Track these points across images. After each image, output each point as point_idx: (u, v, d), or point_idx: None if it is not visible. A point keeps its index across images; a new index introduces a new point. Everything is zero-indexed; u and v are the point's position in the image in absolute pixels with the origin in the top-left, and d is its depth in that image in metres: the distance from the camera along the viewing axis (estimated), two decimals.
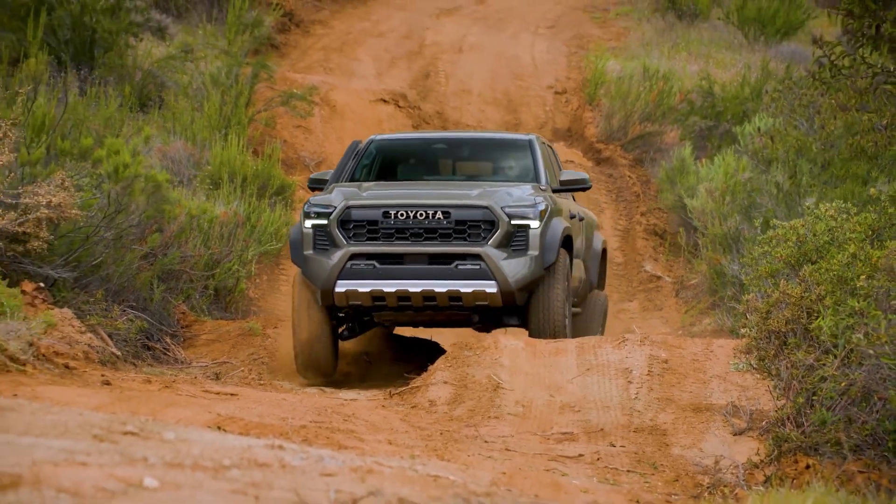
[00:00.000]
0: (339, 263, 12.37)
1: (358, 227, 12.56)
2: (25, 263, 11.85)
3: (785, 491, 6.80)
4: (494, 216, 12.55)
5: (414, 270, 12.53)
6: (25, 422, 5.58)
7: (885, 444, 7.06)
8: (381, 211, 12.57)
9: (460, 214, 12.60)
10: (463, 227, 12.60)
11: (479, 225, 12.60)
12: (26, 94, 13.66)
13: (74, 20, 18.39)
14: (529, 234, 12.61)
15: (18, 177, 11.92)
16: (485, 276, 12.49)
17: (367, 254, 12.51)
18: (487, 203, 12.59)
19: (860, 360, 7.57)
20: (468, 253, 12.54)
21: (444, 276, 12.53)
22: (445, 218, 12.57)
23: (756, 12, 28.37)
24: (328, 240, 12.53)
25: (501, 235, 12.54)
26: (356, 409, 10.71)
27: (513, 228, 12.59)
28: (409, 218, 12.54)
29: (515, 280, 12.55)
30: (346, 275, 12.39)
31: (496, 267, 12.47)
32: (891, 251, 8.28)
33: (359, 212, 12.59)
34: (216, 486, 4.53)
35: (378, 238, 12.55)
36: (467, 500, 5.12)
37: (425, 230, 12.56)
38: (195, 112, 18.57)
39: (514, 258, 12.58)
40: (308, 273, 12.57)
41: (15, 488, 4.10)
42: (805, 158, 16.45)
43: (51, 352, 10.53)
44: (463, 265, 12.53)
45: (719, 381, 11.93)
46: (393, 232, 12.56)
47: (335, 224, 12.50)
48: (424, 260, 12.58)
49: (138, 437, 5.56)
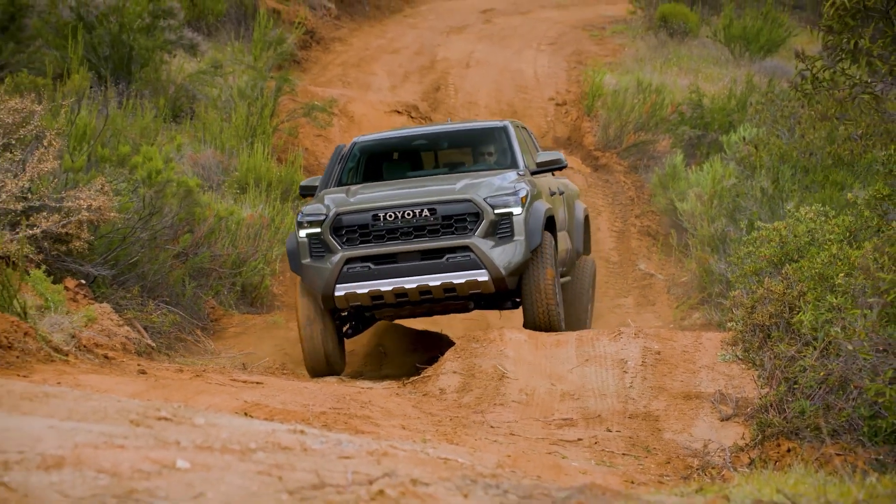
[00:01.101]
0: (336, 268, 12.16)
1: (350, 232, 12.33)
2: (68, 262, 11.86)
3: (768, 472, 6.78)
4: (478, 208, 12.37)
5: (408, 267, 12.31)
6: (68, 408, 5.58)
7: (861, 430, 7.05)
8: (371, 214, 12.35)
9: (446, 210, 12.39)
10: (450, 221, 12.39)
11: (465, 218, 12.41)
12: (69, 106, 13.68)
13: (113, 38, 18.40)
14: (513, 220, 12.43)
15: (62, 182, 11.93)
16: (475, 266, 12.31)
17: (362, 256, 12.29)
18: (470, 196, 12.41)
19: (838, 352, 7.56)
20: (457, 245, 12.33)
21: (437, 269, 12.32)
22: (432, 214, 12.34)
23: (741, 31, 28.36)
24: (323, 247, 12.31)
25: (487, 225, 12.36)
26: (372, 397, 10.70)
27: (497, 217, 12.39)
28: (399, 218, 12.32)
29: (504, 266, 12.36)
30: (343, 278, 12.18)
31: (485, 256, 12.29)
32: (866, 251, 8.26)
33: (349, 217, 12.37)
34: (243, 467, 4.53)
35: (370, 240, 12.33)
36: (475, 481, 5.11)
37: (415, 228, 12.34)
38: (224, 122, 18.57)
39: (501, 245, 12.38)
40: (307, 280, 12.34)
41: (59, 468, 4.10)
42: (787, 165, 16.42)
43: (91, 343, 10.54)
44: (453, 258, 12.33)
45: (708, 371, 11.92)
46: (384, 233, 12.33)
47: (328, 231, 12.28)
48: (417, 256, 12.33)
49: (171, 422, 5.56)
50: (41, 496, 3.70)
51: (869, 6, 8.80)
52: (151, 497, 3.87)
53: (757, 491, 5.56)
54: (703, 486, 6.50)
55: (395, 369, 13.18)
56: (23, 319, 9.70)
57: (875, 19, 8.85)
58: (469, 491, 4.78)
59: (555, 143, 23.85)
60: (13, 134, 11.75)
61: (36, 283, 10.81)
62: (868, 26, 8.83)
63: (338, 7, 28.48)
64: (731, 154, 18.52)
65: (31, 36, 18.16)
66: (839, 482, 5.62)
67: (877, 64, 8.80)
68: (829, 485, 5.56)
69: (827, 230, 10.39)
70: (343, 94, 23.41)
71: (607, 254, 19.41)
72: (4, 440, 4.39)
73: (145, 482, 4.05)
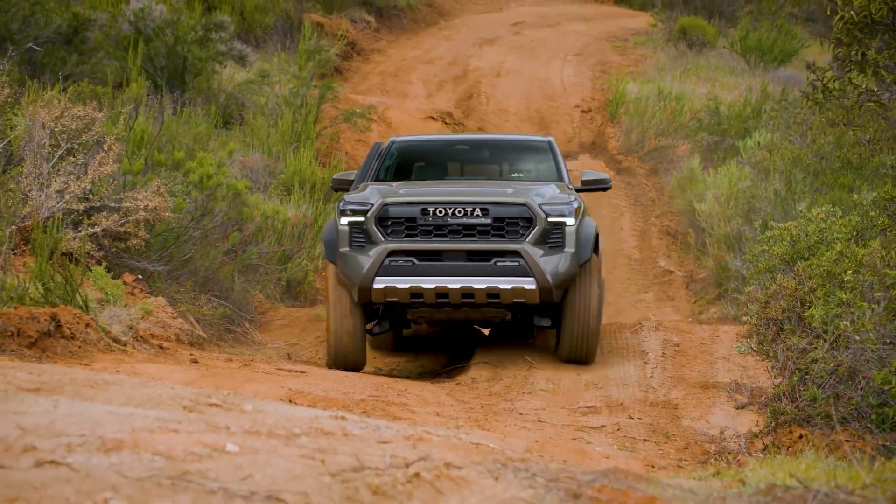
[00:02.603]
0: (378, 260, 11.11)
1: (396, 224, 11.24)
2: (126, 258, 11.92)
3: (781, 458, 6.75)
4: (532, 213, 11.23)
5: (453, 267, 11.20)
6: (126, 394, 5.61)
7: (869, 417, 7.01)
8: (420, 208, 11.24)
9: (499, 211, 11.25)
10: (501, 223, 11.24)
11: (518, 222, 11.26)
12: (128, 113, 13.75)
13: (169, 50, 18.47)
14: (566, 230, 11.27)
15: (121, 184, 11.99)
16: (524, 273, 11.15)
17: (406, 250, 11.21)
18: (525, 200, 11.30)
19: (847, 344, 7.52)
20: (507, 250, 11.18)
21: (483, 272, 11.17)
22: (484, 215, 11.21)
23: (756, 42, 28.25)
24: (365, 237, 11.25)
25: (539, 232, 11.21)
26: (408, 386, 10.71)
27: (549, 226, 11.24)
28: (448, 215, 11.21)
29: (554, 276, 11.18)
30: (384, 271, 11.14)
31: (534, 263, 11.13)
32: (873, 249, 8.21)
33: (397, 209, 11.29)
34: (288, 451, 4.54)
35: (416, 235, 11.23)
36: (504, 465, 5.10)
37: (464, 227, 11.22)
38: (270, 128, 18.63)
39: (550, 255, 11.21)
40: (344, 270, 11.30)
41: (117, 451, 4.12)
42: (799, 169, 16.34)
43: (147, 334, 10.58)
44: (502, 262, 11.16)
45: (724, 362, 11.88)
46: (431, 229, 11.22)
47: (373, 221, 11.21)
48: (463, 257, 11.21)
49: (221, 408, 5.57)
50: (101, 477, 3.72)
51: (875, 20, 8.75)
52: (203, 478, 3.88)
53: (771, 475, 5.53)
54: (720, 471, 6.48)
55: (429, 361, 13.17)
56: (84, 312, 9.75)
57: (881, 32, 8.80)
58: (499, 474, 4.78)
59: (580, 148, 23.83)
60: (76, 139, 11.81)
61: (97, 278, 10.87)
62: (875, 39, 8.78)
63: (377, 20, 28.50)
64: (746, 158, 18.46)
65: (92, 48, 18.26)
66: (848, 467, 5.59)
67: (883, 74, 8.76)
68: (838, 469, 5.53)
69: (836, 230, 10.34)
70: (381, 102, 23.44)
71: (629, 251, 19.36)
72: (67, 424, 4.42)
73: (197, 464, 4.07)
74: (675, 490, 5.08)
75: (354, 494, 4.02)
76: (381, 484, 4.19)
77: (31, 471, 3.71)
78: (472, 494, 4.38)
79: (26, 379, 5.53)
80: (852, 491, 4.71)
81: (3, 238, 10.36)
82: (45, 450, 4.03)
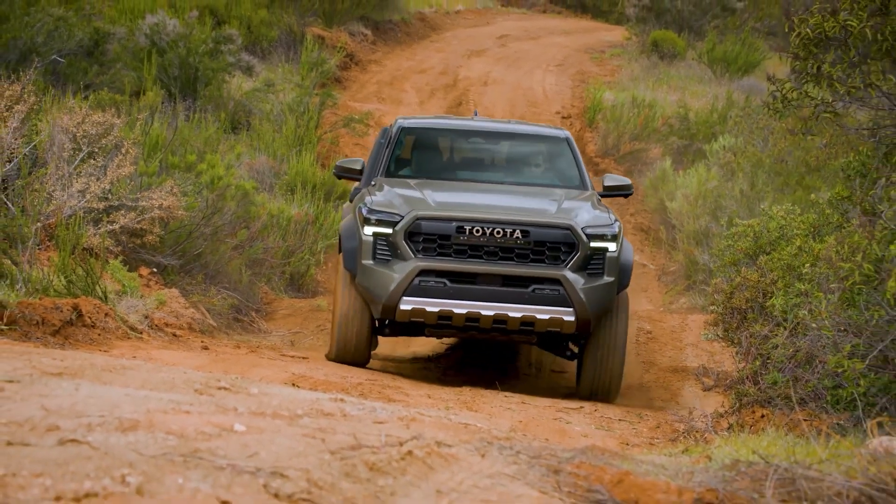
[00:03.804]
0: (407, 278, 9.56)
1: (428, 241, 9.64)
2: (142, 253, 11.91)
3: (744, 435, 6.77)
4: (575, 238, 9.65)
5: (487, 292, 9.62)
6: (142, 378, 5.61)
7: (825, 398, 7.02)
8: (455, 226, 9.63)
9: (540, 234, 9.66)
10: (541, 248, 9.65)
11: (559, 247, 9.66)
12: (144, 119, 13.73)
13: (182, 61, 18.44)
14: (607, 257, 9.73)
15: (137, 185, 11.98)
16: (563, 303, 9.59)
17: (439, 271, 9.62)
18: (569, 223, 9.69)
19: (805, 331, 7.53)
20: (546, 277, 9.61)
21: (520, 300, 9.61)
22: (524, 237, 9.62)
23: (722, 54, 28.30)
24: (391, 250, 9.67)
25: (580, 259, 9.65)
26: (402, 371, 10.71)
27: (591, 251, 9.67)
28: (485, 235, 9.60)
29: (593, 307, 9.64)
30: (413, 291, 9.59)
31: (575, 293, 9.57)
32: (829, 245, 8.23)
33: (431, 224, 9.67)
34: (291, 430, 4.54)
35: (450, 254, 9.63)
36: (490, 443, 5.11)
37: (501, 249, 9.62)
38: (275, 133, 18.60)
39: (591, 283, 9.65)
40: (367, 284, 9.76)
41: (134, 430, 4.12)
42: (761, 170, 16.37)
43: (162, 323, 10.57)
44: (540, 290, 9.60)
45: (693, 348, 11.91)
46: (466, 248, 9.63)
47: (402, 235, 9.63)
48: (499, 281, 9.62)
49: (230, 391, 5.58)
50: (119, 454, 3.72)
51: (829, 37, 8.76)
52: (213, 455, 3.88)
53: (735, 452, 5.54)
54: (689, 448, 6.49)
55: (422, 348, 13.17)
56: (104, 302, 9.75)
57: (834, 48, 8.81)
58: (486, 452, 4.79)
59: None
60: (96, 143, 11.79)
61: (115, 271, 10.86)
62: (829, 54, 8.80)
63: (374, 34, 28.45)
64: (713, 160, 18.47)
65: (112, 59, 18.24)
66: (806, 444, 5.61)
67: (836, 86, 8.77)
68: (797, 446, 5.54)
69: (795, 226, 10.37)
70: (378, 108, 23.41)
71: None
72: (88, 406, 4.42)
73: (207, 443, 4.07)
74: (647, 466, 5.09)
75: (352, 471, 4.03)
76: (377, 461, 4.19)
77: (54, 448, 3.71)
78: (460, 470, 4.38)
79: (50, 364, 5.53)
80: (809, 466, 4.72)
81: (30, 234, 10.34)
82: (67, 429, 4.02)
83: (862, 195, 8.63)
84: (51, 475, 3.30)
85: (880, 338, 6.61)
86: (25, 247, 10.18)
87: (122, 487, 3.29)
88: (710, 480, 4.65)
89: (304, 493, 3.61)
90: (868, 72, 8.65)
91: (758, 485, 4.53)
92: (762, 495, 4.38)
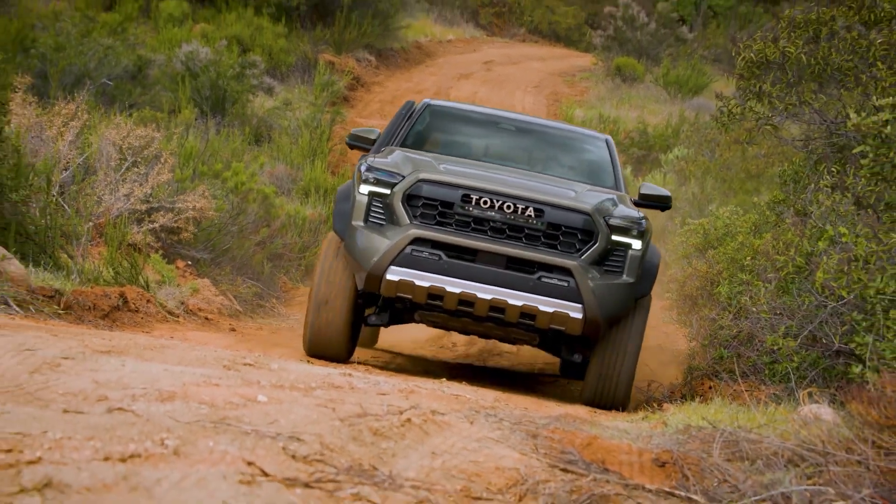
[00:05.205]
0: (398, 246, 7.30)
1: (428, 207, 7.38)
2: (179, 248, 11.89)
3: (695, 404, 6.78)
4: (595, 226, 7.41)
5: (487, 273, 7.30)
6: (178, 356, 5.60)
7: (763, 372, 7.04)
8: (461, 193, 7.36)
9: (556, 216, 7.40)
10: (555, 231, 7.40)
11: (576, 233, 7.41)
12: (180, 133, 13.71)
13: (212, 83, 18.40)
14: (629, 255, 7.47)
15: (174, 189, 11.96)
16: (571, 297, 7.29)
17: (435, 241, 7.33)
18: (590, 209, 7.45)
19: (746, 314, 7.54)
20: (556, 265, 7.32)
21: (523, 286, 7.30)
22: (537, 217, 7.36)
23: (676, 77, 28.36)
24: (386, 214, 7.42)
25: (598, 251, 7.40)
26: (402, 349, 10.70)
27: (611, 245, 7.44)
28: (493, 208, 7.34)
29: (605, 308, 7.38)
30: (402, 261, 7.30)
31: (586, 288, 7.30)
32: (766, 241, 8.24)
33: (432, 188, 7.38)
34: (306, 401, 4.54)
35: (450, 224, 7.37)
36: (478, 412, 5.11)
37: (509, 227, 7.37)
38: (292, 145, 18.58)
39: (606, 281, 7.39)
40: (353, 249, 7.48)
41: (171, 400, 4.11)
42: (710, 177, 16.39)
43: (195, 308, 10.56)
44: (548, 278, 7.31)
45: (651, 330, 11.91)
46: (470, 221, 7.37)
47: (400, 196, 7.37)
48: (502, 262, 7.31)
49: (253, 367, 5.57)
50: (158, 421, 3.71)
51: (770, 60, 8.77)
52: (239, 422, 3.88)
53: (687, 418, 5.55)
54: (647, 415, 6.50)
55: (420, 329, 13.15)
56: (146, 290, 9.73)
57: (774, 70, 8.82)
58: (474, 419, 4.79)
59: None
60: (139, 154, 11.77)
61: (155, 263, 10.84)
62: (769, 75, 8.81)
63: (377, 59, 28.40)
64: (668, 168, 18.49)
65: (152, 82, 18.20)
66: (747, 411, 5.62)
67: (775, 103, 8.79)
68: (739, 413, 5.55)
69: (738, 225, 10.38)
70: (381, 124, 23.36)
71: None
72: (132, 379, 4.41)
73: (234, 411, 4.06)
74: (612, 430, 5.10)
75: (359, 435, 4.02)
76: (380, 427, 4.19)
77: (103, 416, 3.70)
78: (452, 435, 4.38)
79: (100, 343, 5.52)
80: (750, 430, 4.73)
81: (83, 232, 10.32)
82: (114, 399, 4.02)
83: (795, 198, 8.65)
84: (100, 438, 3.29)
85: (810, 320, 6.63)
86: (79, 243, 10.15)
87: (161, 449, 3.29)
88: (665, 443, 4.66)
89: (318, 454, 3.61)
90: (802, 91, 8.67)
91: (707, 446, 4.53)
92: (710, 455, 4.39)
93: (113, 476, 2.97)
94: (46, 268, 9.19)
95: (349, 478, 3.41)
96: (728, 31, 36.36)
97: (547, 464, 4.13)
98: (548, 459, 4.18)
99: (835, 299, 6.40)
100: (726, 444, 4.50)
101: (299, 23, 26.42)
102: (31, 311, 7.58)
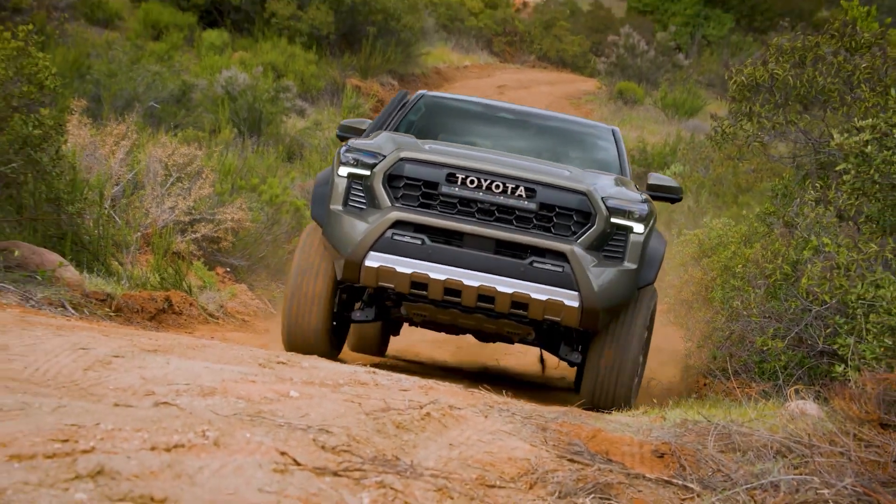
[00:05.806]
0: (377, 230, 6.13)
1: (410, 188, 6.22)
2: (218, 256, 11.93)
3: (691, 400, 6.75)
4: (592, 207, 6.21)
5: (474, 258, 6.11)
6: (218, 354, 5.61)
7: (753, 370, 7.01)
8: (446, 172, 6.20)
9: (549, 196, 6.19)
10: (549, 213, 6.20)
11: (571, 215, 6.21)
12: (220, 151, 13.76)
13: (249, 106, 18.47)
14: (630, 239, 6.30)
15: (214, 202, 12.01)
16: (566, 284, 6.11)
17: (418, 224, 6.16)
18: (585, 188, 6.24)
19: (738, 317, 7.52)
20: (550, 249, 6.12)
21: (514, 272, 6.11)
22: (529, 197, 6.17)
23: (673, 100, 28.32)
24: (367, 196, 6.27)
25: (596, 234, 6.20)
26: (422, 349, 10.69)
27: (610, 228, 6.25)
28: (481, 188, 6.17)
29: (604, 296, 6.17)
30: (382, 246, 6.14)
31: (583, 274, 6.11)
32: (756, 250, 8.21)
33: (415, 167, 6.22)
34: (335, 396, 4.54)
35: (434, 206, 6.20)
36: (492, 407, 5.10)
37: (499, 208, 6.18)
38: (322, 162, 18.62)
39: (605, 267, 6.21)
40: (331, 235, 6.33)
41: (212, 395, 4.12)
42: (704, 191, 16.33)
43: (234, 311, 10.59)
44: (541, 263, 6.11)
45: None
46: (455, 202, 6.19)
47: (381, 177, 6.21)
48: (490, 247, 6.13)
49: (286, 365, 5.58)
50: (200, 414, 3.72)
51: (759, 83, 8.75)
52: (273, 416, 3.89)
53: (684, 413, 5.53)
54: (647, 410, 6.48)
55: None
56: (189, 295, 9.77)
57: (763, 92, 8.80)
58: (488, 413, 4.78)
59: None
60: (183, 170, 11.83)
61: (197, 270, 10.88)
62: (759, 97, 8.79)
63: (399, 84, 28.43)
64: None
65: (195, 105, 18.29)
66: (739, 406, 5.59)
67: (764, 122, 8.76)
68: (731, 408, 5.53)
69: (730, 236, 10.34)
70: None
71: None
72: (176, 376, 4.42)
73: (268, 405, 4.07)
74: (615, 424, 5.09)
75: (383, 428, 4.02)
76: (402, 420, 4.19)
77: (150, 409, 3.71)
78: (468, 427, 4.38)
79: (147, 343, 5.54)
80: (742, 424, 4.71)
81: (132, 241, 10.37)
82: (160, 394, 4.03)
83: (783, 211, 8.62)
84: (147, 430, 3.31)
85: (796, 323, 6.59)
86: (128, 251, 10.20)
87: (202, 440, 3.30)
88: (664, 435, 4.64)
89: (345, 445, 3.61)
90: (789, 112, 8.64)
91: (702, 438, 4.52)
92: (705, 447, 4.37)
93: (159, 464, 2.98)
94: (99, 274, 9.24)
95: (374, 467, 3.41)
96: (721, 58, 36.28)
97: (555, 454, 4.12)
98: (556, 451, 4.17)
99: (819, 304, 6.37)
100: (720, 437, 4.48)
101: (328, 50, 26.51)
102: (85, 314, 7.62)
